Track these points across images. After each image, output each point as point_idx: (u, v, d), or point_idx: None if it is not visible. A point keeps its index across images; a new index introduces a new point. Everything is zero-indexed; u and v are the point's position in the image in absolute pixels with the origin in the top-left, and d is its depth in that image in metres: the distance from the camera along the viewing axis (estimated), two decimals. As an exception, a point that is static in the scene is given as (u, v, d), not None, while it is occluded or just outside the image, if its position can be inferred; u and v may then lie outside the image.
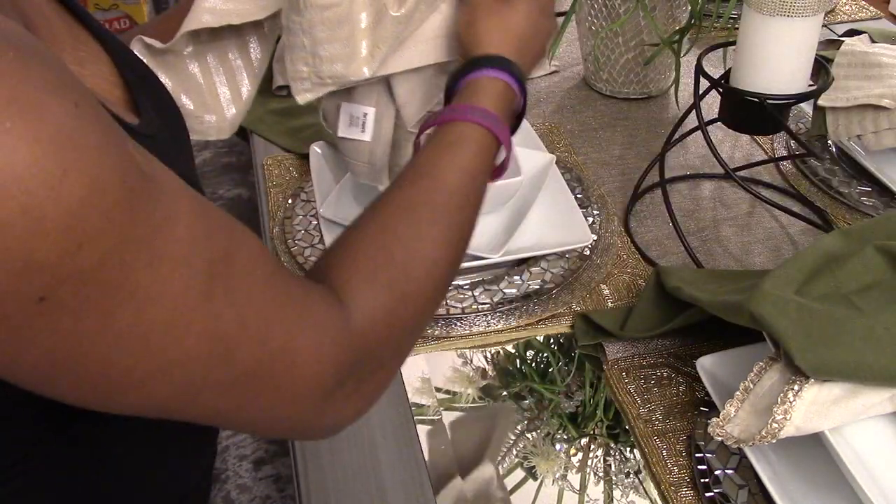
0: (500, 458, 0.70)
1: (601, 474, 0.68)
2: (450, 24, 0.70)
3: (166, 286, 0.38)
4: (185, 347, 0.40)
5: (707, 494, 0.63)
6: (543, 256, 0.86)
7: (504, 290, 0.82)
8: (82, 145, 0.34)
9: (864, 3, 1.43)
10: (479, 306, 0.81)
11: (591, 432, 0.72)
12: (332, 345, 0.46)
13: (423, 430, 0.71)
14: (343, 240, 0.54)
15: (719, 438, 0.59)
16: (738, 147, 1.08)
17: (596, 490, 0.67)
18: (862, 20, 1.37)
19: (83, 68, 0.53)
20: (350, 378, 0.48)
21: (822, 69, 0.82)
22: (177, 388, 0.41)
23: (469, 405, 0.75)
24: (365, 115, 0.74)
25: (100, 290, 0.36)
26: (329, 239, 0.88)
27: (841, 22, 1.36)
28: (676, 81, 1.13)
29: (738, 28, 0.81)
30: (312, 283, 0.49)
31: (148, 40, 0.69)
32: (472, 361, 0.79)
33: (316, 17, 0.65)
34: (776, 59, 0.78)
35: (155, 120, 0.54)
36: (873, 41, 1.09)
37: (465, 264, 0.83)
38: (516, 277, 0.84)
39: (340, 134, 0.75)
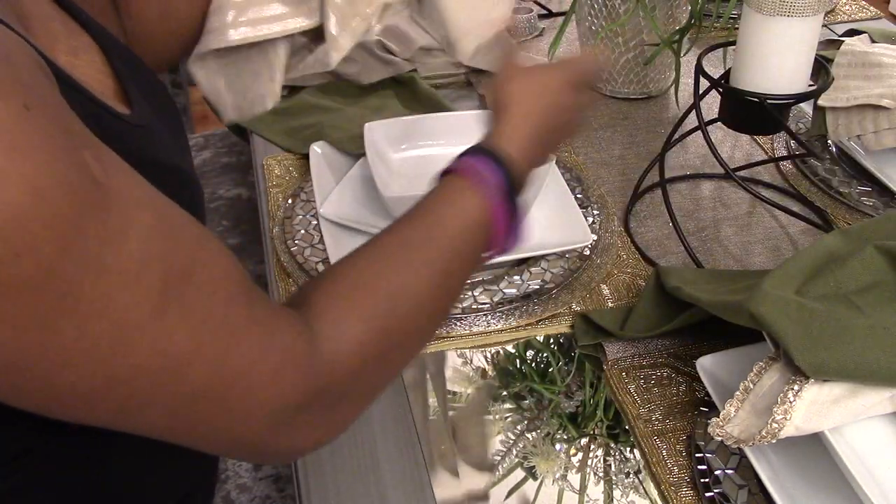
0: (500, 458, 0.70)
1: (601, 474, 0.68)
2: None
3: (113, 301, 0.37)
4: (131, 364, 0.39)
5: (707, 494, 0.63)
6: (543, 256, 0.86)
7: (504, 290, 0.82)
8: (24, 149, 0.33)
9: (864, 3, 1.43)
10: (479, 306, 0.81)
11: (591, 432, 0.72)
12: (294, 371, 0.45)
13: (422, 430, 0.71)
14: (331, 268, 0.53)
15: (719, 438, 0.59)
16: (738, 147, 1.08)
17: (596, 490, 0.67)
18: (862, 20, 1.37)
19: (77, 58, 0.53)
20: (313, 406, 0.47)
21: (822, 69, 0.82)
22: (123, 404, 0.40)
23: (469, 405, 0.75)
24: None
25: (41, 302, 0.35)
26: (329, 239, 0.88)
27: (841, 22, 1.36)
28: (676, 81, 1.13)
29: (738, 28, 0.81)
30: (282, 308, 0.47)
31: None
32: (472, 361, 0.79)
33: None
34: (776, 59, 0.78)
35: (147, 109, 0.54)
36: (873, 41, 1.09)
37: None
38: (516, 277, 0.84)
39: None
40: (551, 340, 0.81)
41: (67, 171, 0.35)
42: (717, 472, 0.64)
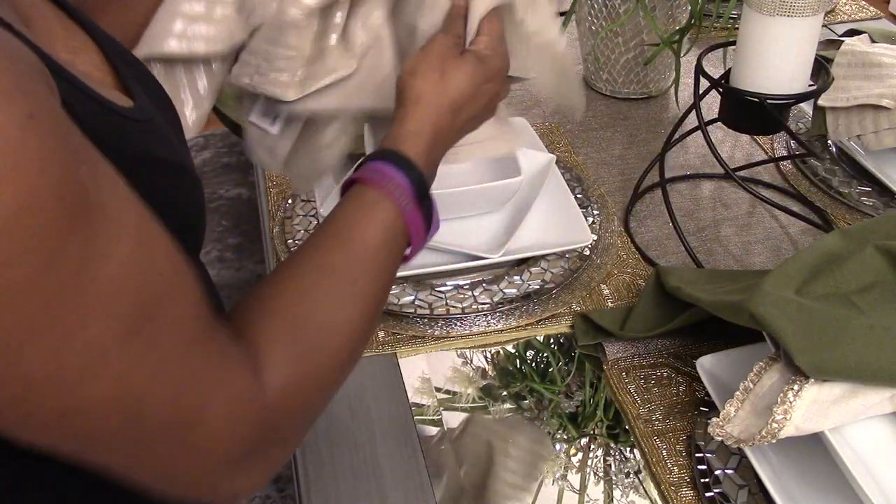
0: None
1: (601, 474, 0.68)
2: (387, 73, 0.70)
3: (85, 325, 0.36)
4: (93, 394, 0.37)
5: (707, 494, 0.63)
6: (543, 256, 0.86)
7: (504, 290, 0.82)
8: (24, 159, 0.33)
9: (864, 3, 1.43)
10: (479, 306, 0.81)
11: (591, 432, 0.72)
12: (246, 413, 0.45)
13: (423, 430, 0.71)
14: (263, 296, 0.52)
15: (719, 438, 0.59)
16: (738, 147, 1.08)
17: (596, 490, 0.67)
18: (862, 20, 1.37)
19: (76, 57, 0.53)
20: (258, 448, 0.46)
21: (822, 69, 0.82)
22: (78, 432, 0.39)
23: (469, 405, 0.75)
24: (279, 113, 0.73)
25: (18, 315, 0.34)
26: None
27: (841, 22, 1.36)
28: (676, 81, 1.13)
29: (738, 28, 0.81)
30: (232, 346, 0.46)
31: None
32: (472, 361, 0.79)
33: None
34: (776, 59, 0.78)
35: (148, 105, 0.54)
36: (873, 41, 1.09)
37: (466, 264, 0.83)
38: (516, 277, 0.84)
39: (251, 119, 0.75)
40: (551, 340, 0.81)
41: (62, 185, 0.34)
42: (717, 472, 0.64)
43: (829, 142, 1.04)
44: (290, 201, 0.96)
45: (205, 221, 0.62)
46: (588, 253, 0.87)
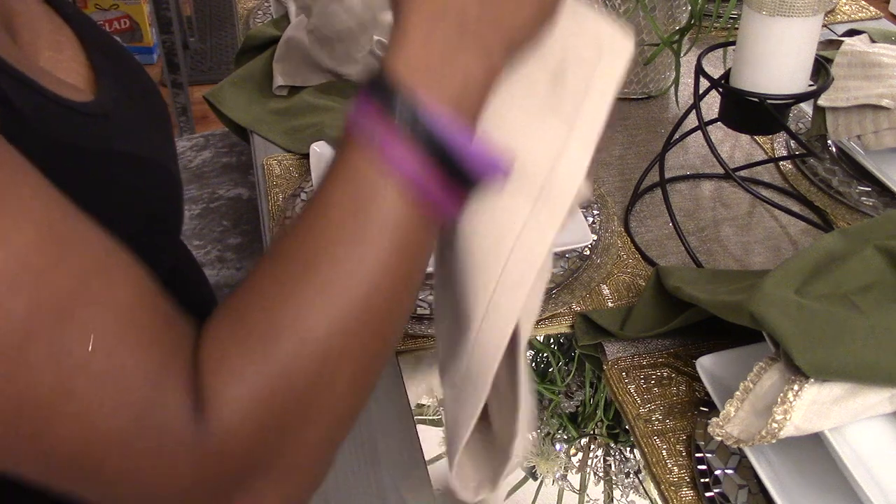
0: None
1: (601, 474, 0.68)
2: None
3: None
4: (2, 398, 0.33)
5: (707, 494, 0.63)
6: (543, 256, 0.86)
7: (504, 290, 0.82)
8: None
9: (864, 3, 1.43)
10: (479, 306, 0.81)
11: (591, 432, 0.72)
12: (177, 448, 0.37)
13: (422, 430, 0.71)
14: (231, 302, 0.41)
15: (719, 438, 0.59)
16: (738, 147, 1.08)
17: (596, 490, 0.67)
18: (862, 20, 1.37)
19: (60, 53, 0.54)
20: (216, 490, 0.38)
21: (822, 69, 0.82)
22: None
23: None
24: None
25: None
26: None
27: (841, 22, 1.36)
28: (676, 81, 1.13)
29: (738, 28, 0.81)
30: (178, 362, 0.38)
31: None
32: (472, 361, 0.79)
33: None
34: (776, 59, 0.78)
35: (115, 99, 0.54)
36: (873, 41, 1.09)
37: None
38: (516, 277, 0.84)
39: None
40: (551, 340, 0.81)
41: None
42: (717, 472, 0.64)
43: (829, 142, 1.04)
44: (290, 201, 0.96)
45: (180, 215, 0.61)
46: (588, 253, 0.87)
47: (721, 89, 0.84)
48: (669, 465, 0.66)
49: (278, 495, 0.40)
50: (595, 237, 0.89)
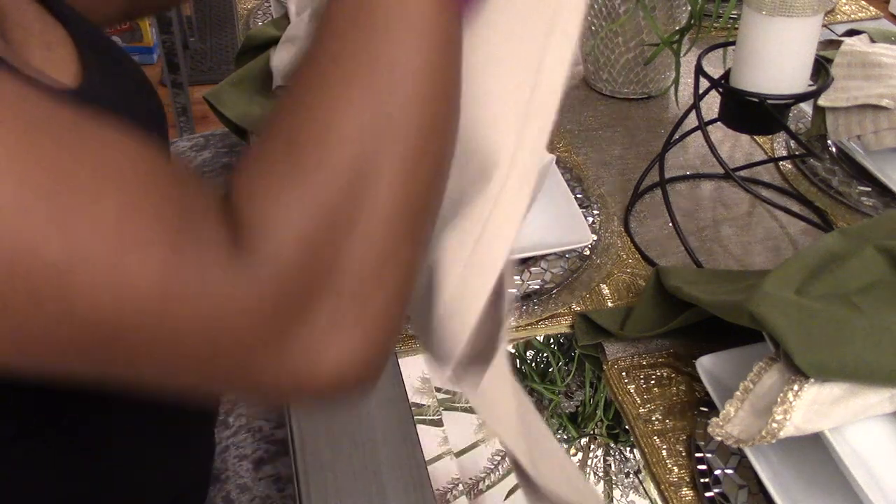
0: (500, 458, 0.70)
1: (601, 474, 0.68)
2: None
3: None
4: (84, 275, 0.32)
5: (707, 494, 0.63)
6: (543, 256, 0.86)
7: (504, 290, 0.82)
8: None
9: (864, 3, 1.43)
10: (479, 306, 0.81)
11: (591, 432, 0.72)
12: (225, 285, 0.34)
13: (422, 430, 0.71)
14: (251, 147, 0.40)
15: (719, 438, 0.59)
16: (738, 147, 1.08)
17: (596, 490, 0.67)
18: (862, 20, 1.37)
19: (51, 52, 0.54)
20: (289, 312, 0.36)
21: (822, 69, 0.82)
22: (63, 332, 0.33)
23: (469, 405, 0.75)
24: None
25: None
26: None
27: (841, 22, 1.36)
28: (676, 81, 1.13)
29: (737, 28, 0.81)
30: (195, 216, 0.36)
31: None
32: (472, 361, 0.79)
33: None
34: (776, 59, 0.78)
35: (110, 98, 0.55)
36: (873, 41, 1.09)
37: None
38: (516, 277, 0.84)
39: None
40: (551, 340, 0.81)
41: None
42: (717, 472, 0.64)
43: (829, 142, 1.04)
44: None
45: None
46: (588, 253, 0.87)
47: (721, 89, 0.84)
48: (669, 465, 0.67)
49: (347, 330, 0.37)
50: (595, 237, 0.89)
